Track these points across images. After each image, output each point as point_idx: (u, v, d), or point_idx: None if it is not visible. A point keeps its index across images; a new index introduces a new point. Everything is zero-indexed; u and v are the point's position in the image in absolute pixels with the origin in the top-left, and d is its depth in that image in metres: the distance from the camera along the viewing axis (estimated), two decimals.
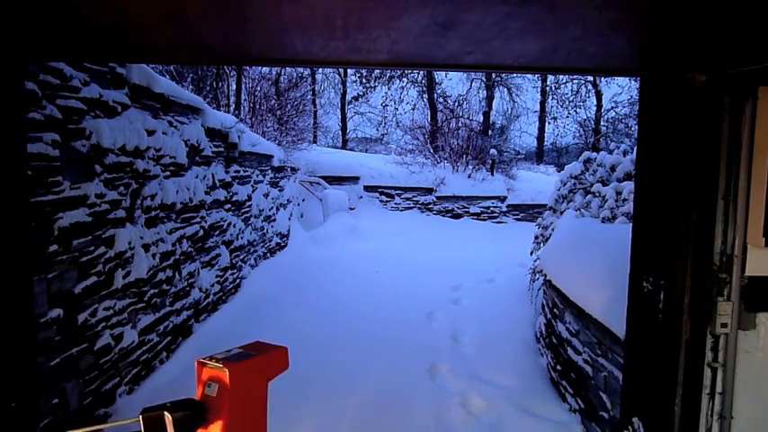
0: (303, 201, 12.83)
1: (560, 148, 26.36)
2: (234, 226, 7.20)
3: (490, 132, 20.88)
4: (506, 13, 1.58)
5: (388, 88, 24.05)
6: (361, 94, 25.58)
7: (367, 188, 14.63)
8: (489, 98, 23.91)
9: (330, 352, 5.09)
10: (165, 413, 1.60)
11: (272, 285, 7.68)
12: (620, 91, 22.20)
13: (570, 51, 2.05)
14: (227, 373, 1.68)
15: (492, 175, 15.80)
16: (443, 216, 14.59)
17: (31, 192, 2.86)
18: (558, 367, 4.54)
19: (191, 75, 13.81)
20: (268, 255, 9.26)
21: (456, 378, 4.69)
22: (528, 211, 14.88)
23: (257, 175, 8.61)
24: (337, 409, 3.93)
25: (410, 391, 4.37)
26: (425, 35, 1.81)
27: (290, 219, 10.97)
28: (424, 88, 23.02)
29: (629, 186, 4.86)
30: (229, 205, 7.02)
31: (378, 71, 23.11)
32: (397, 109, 23.84)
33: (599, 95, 23.80)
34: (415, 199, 14.69)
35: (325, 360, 4.85)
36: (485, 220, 14.79)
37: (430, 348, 5.40)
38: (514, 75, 22.28)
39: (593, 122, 23.78)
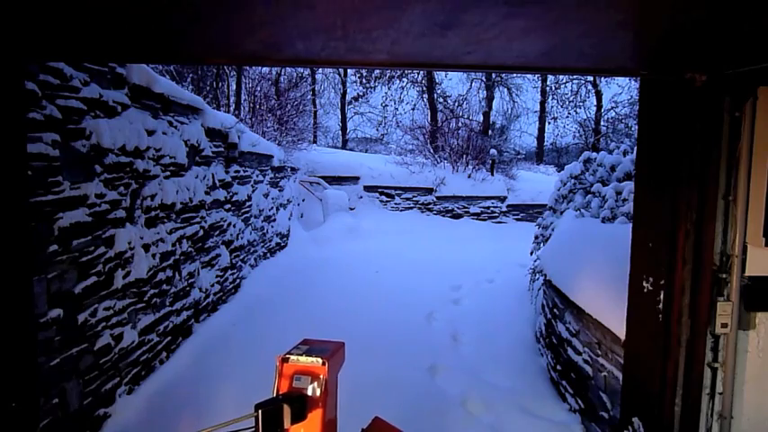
0: (303, 201, 12.83)
1: (560, 148, 26.35)
2: (234, 226, 7.20)
3: (490, 132, 20.89)
4: (506, 13, 1.58)
5: (388, 88, 24.04)
6: (361, 94, 25.58)
7: (367, 188, 14.63)
8: (489, 98, 23.89)
9: None
10: (285, 405, 1.70)
11: (272, 285, 7.68)
12: (620, 91, 22.21)
13: (570, 51, 2.05)
14: (327, 367, 1.82)
15: (492, 175, 15.80)
16: (443, 216, 14.59)
17: (31, 192, 2.86)
18: (558, 367, 4.54)
19: (191, 75, 13.81)
20: (268, 255, 9.27)
21: (456, 378, 4.69)
22: (528, 211, 14.88)
23: (257, 175, 8.61)
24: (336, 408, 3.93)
25: (410, 390, 4.37)
26: (425, 35, 1.81)
27: (289, 219, 10.97)
28: (424, 88, 23.02)
29: (629, 186, 4.86)
30: (229, 205, 7.02)
31: (378, 71, 23.10)
32: (397, 109, 23.83)
33: (599, 95, 23.80)
34: (415, 199, 14.69)
35: None
36: (485, 220, 14.79)
37: (430, 348, 5.40)
38: (514, 75, 22.28)
39: (593, 122, 23.78)
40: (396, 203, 14.60)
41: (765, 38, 1.82)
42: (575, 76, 22.45)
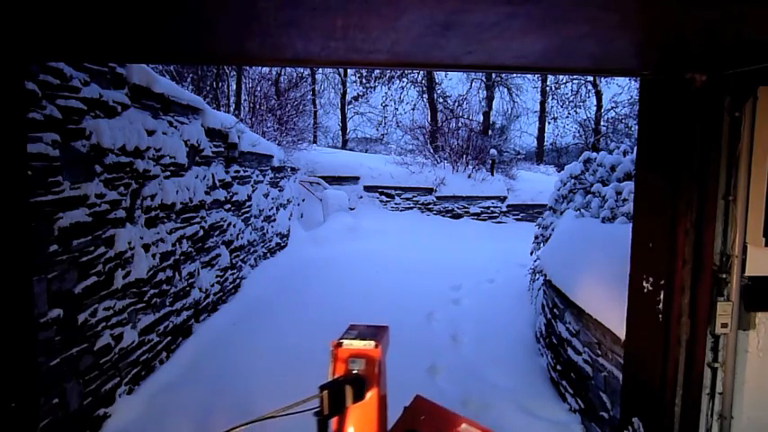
0: (303, 201, 12.83)
1: (560, 148, 26.35)
2: (234, 226, 7.20)
3: (490, 132, 20.89)
4: (506, 13, 1.58)
5: (388, 88, 24.03)
6: (361, 94, 25.57)
7: (367, 188, 14.63)
8: (489, 98, 23.89)
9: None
10: (347, 385, 1.83)
11: (271, 285, 7.67)
12: (620, 91, 22.20)
13: (570, 51, 2.05)
14: (379, 348, 1.95)
15: (492, 175, 15.80)
16: (443, 216, 14.59)
17: (31, 192, 2.86)
18: (558, 367, 4.54)
19: (191, 75, 13.82)
20: (268, 255, 9.27)
21: (456, 378, 4.69)
22: (528, 211, 14.88)
23: (257, 176, 8.61)
24: None
25: (410, 391, 4.36)
26: (425, 35, 1.81)
27: (289, 219, 10.97)
28: (424, 88, 23.02)
29: (629, 186, 4.86)
30: (229, 205, 7.02)
31: (378, 71, 23.09)
32: (397, 109, 23.83)
33: (599, 95, 23.80)
34: (415, 199, 14.69)
35: (324, 359, 4.84)
36: (485, 220, 14.79)
37: (430, 348, 5.40)
38: (514, 75, 22.28)
39: (593, 122, 23.78)
40: (396, 203, 14.60)
41: (765, 38, 1.82)
42: (575, 76, 22.45)
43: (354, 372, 1.93)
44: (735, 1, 1.51)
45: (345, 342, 2.01)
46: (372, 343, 1.99)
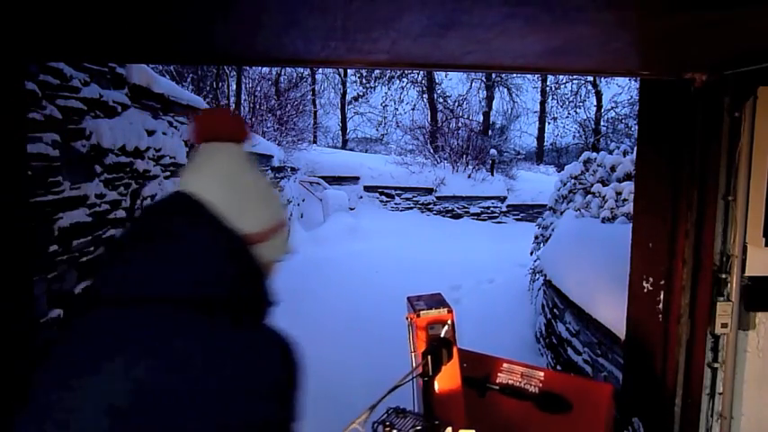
0: (303, 201, 12.84)
1: (560, 148, 26.36)
2: None
3: (490, 132, 20.90)
4: (506, 13, 1.58)
5: (388, 88, 24.05)
6: (361, 94, 25.60)
7: (367, 188, 14.63)
8: (489, 98, 23.90)
9: (329, 352, 5.09)
10: (443, 348, 2.14)
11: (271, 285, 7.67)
12: (620, 91, 22.20)
13: (570, 51, 2.05)
14: (453, 314, 2.32)
15: (492, 175, 15.81)
16: (443, 216, 14.59)
17: (31, 192, 2.86)
18: (558, 367, 4.54)
19: (191, 75, 13.82)
20: None
21: None
22: (528, 212, 14.88)
23: None
24: (334, 408, 3.92)
25: (410, 390, 4.36)
26: (425, 35, 1.81)
27: (290, 219, 10.97)
28: (424, 88, 23.03)
29: (629, 186, 4.86)
30: None
31: (378, 71, 23.11)
32: (397, 109, 23.85)
33: (599, 95, 23.81)
34: (414, 199, 14.68)
35: (324, 360, 4.84)
36: (485, 220, 14.79)
37: None
38: (514, 75, 22.28)
39: (593, 122, 23.79)
40: (396, 203, 14.60)
41: (765, 38, 1.82)
42: (575, 76, 22.47)
43: (442, 335, 2.23)
44: (735, 1, 1.51)
45: (422, 312, 2.30)
46: (445, 309, 2.33)
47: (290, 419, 0.83)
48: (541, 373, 2.38)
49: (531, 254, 7.51)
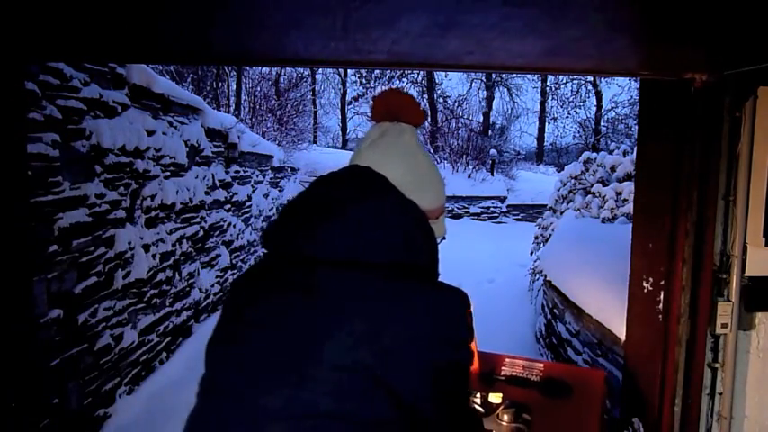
0: None
1: (560, 149, 26.37)
2: (234, 226, 7.20)
3: (490, 132, 20.91)
4: (506, 13, 1.58)
5: (388, 89, 24.03)
6: (361, 94, 25.61)
7: None
8: (489, 98, 23.91)
9: None
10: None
11: None
12: (620, 91, 22.27)
13: (570, 52, 2.04)
14: (472, 302, 2.22)
15: (492, 175, 15.81)
16: None
17: (31, 192, 2.86)
18: None
19: (191, 75, 13.82)
20: None
21: None
22: (528, 212, 14.88)
23: (257, 176, 8.61)
24: None
25: None
26: (425, 35, 1.81)
27: None
28: (424, 88, 23.04)
29: (629, 187, 4.86)
30: (229, 205, 7.02)
31: (378, 71, 23.13)
32: None
33: (599, 96, 23.83)
34: None
35: None
36: (485, 220, 14.79)
37: None
38: (514, 75, 22.29)
39: (593, 123, 23.80)
40: None
41: (765, 39, 1.82)
42: (575, 77, 22.48)
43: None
44: (735, 1, 1.51)
45: None
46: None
47: (471, 360, 0.97)
48: (541, 365, 2.58)
49: (531, 254, 7.51)
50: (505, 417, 1.93)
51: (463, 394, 1.00)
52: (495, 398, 2.05)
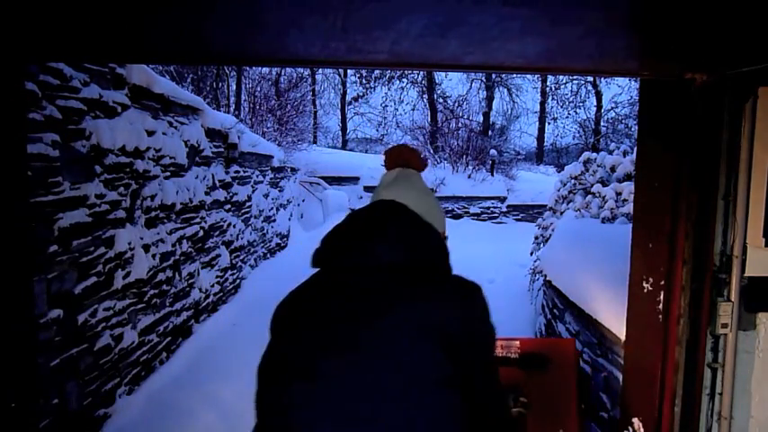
0: (303, 201, 12.84)
1: (560, 149, 26.37)
2: (234, 226, 7.20)
3: (490, 133, 20.92)
4: (506, 13, 1.58)
5: (388, 89, 24.07)
6: (360, 94, 25.62)
7: (367, 188, 14.62)
8: (489, 98, 23.92)
9: None
10: None
11: (272, 286, 7.66)
12: (620, 91, 22.24)
13: (569, 52, 2.05)
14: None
15: (492, 175, 15.81)
16: None
17: (31, 192, 2.86)
18: None
19: (191, 75, 13.82)
20: (268, 255, 9.27)
21: None
22: (528, 212, 14.88)
23: (257, 176, 8.61)
24: None
25: None
26: (425, 35, 1.81)
27: (290, 219, 10.97)
28: (424, 89, 23.04)
29: (629, 187, 4.86)
30: (229, 206, 7.02)
31: (378, 71, 23.13)
32: (396, 109, 23.86)
33: (599, 96, 23.83)
34: None
35: None
36: (485, 220, 14.79)
37: None
38: (514, 75, 22.29)
39: (593, 123, 23.80)
40: None
41: (765, 39, 1.82)
42: (575, 77, 22.49)
43: None
44: (735, 1, 1.52)
45: None
46: None
47: (494, 334, 1.27)
48: (517, 342, 2.76)
49: (531, 254, 7.51)
50: None
51: (494, 363, 1.28)
52: None
